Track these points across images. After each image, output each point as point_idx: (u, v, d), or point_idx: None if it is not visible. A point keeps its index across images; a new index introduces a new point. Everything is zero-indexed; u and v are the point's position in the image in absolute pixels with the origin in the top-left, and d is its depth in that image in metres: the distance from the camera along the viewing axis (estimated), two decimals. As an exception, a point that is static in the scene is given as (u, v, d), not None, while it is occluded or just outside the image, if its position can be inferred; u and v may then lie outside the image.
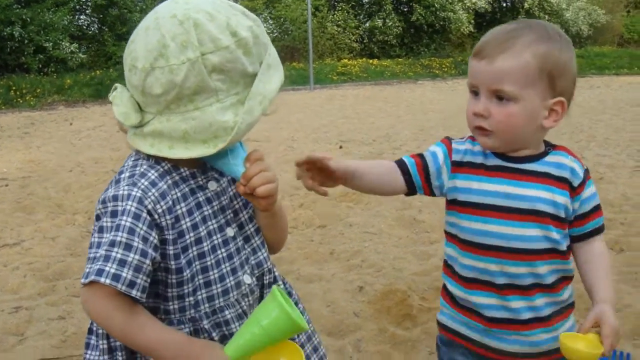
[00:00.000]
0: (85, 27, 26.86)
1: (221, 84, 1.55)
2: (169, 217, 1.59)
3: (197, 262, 1.65)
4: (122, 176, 1.64)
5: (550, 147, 1.88)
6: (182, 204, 1.64)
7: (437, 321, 2.06)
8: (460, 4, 31.41)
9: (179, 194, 1.65)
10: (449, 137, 1.96)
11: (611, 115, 13.43)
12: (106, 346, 1.66)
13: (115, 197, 1.58)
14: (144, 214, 1.54)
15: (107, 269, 1.49)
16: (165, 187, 1.62)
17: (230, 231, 1.73)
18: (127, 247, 1.50)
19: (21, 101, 18.79)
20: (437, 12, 30.77)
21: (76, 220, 6.30)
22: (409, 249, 5.17)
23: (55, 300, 4.35)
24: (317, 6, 29.51)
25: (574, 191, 1.82)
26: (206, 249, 1.67)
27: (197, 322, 1.66)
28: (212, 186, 1.73)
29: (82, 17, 27.03)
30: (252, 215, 1.84)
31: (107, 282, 1.48)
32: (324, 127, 12.56)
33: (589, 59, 30.51)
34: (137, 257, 1.50)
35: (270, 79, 1.63)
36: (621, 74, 28.03)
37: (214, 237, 1.70)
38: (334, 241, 5.42)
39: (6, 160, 9.77)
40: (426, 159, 1.91)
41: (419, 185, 1.92)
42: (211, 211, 1.70)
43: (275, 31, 31.20)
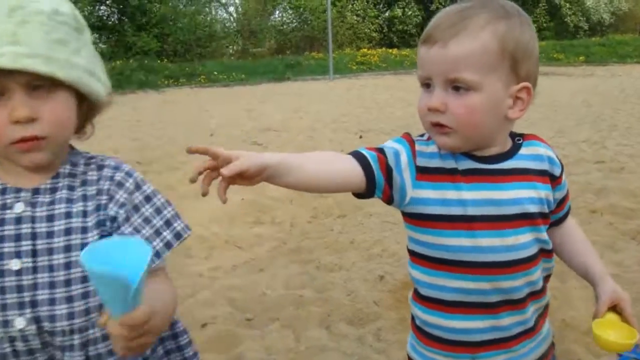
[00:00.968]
0: (105, 18, 27.03)
1: None
2: None
3: None
4: None
5: (519, 138, 1.65)
6: None
7: (409, 358, 1.80)
8: (480, -8, 31.26)
9: None
10: (410, 134, 1.66)
11: (633, 104, 13.29)
12: None
13: None
14: None
15: None
16: None
17: (15, 264, 1.45)
18: None
19: (42, 91, 18.90)
20: (457, 0, 30.65)
21: (98, 209, 6.34)
22: (429, 238, 5.16)
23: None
24: (337, -5, 29.48)
25: (554, 181, 1.63)
26: None
27: None
28: (18, 208, 1.49)
29: (102, 7, 27.23)
30: (70, 264, 1.50)
31: None
32: (343, 117, 12.55)
33: (610, 47, 30.28)
34: None
35: None
36: (643, 62, 27.76)
37: None
38: (354, 230, 5.42)
39: (28, 150, 9.82)
40: (387, 157, 1.58)
41: (380, 184, 1.56)
42: (3, 234, 1.47)
43: (294, 21, 31.23)
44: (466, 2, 1.55)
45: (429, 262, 1.60)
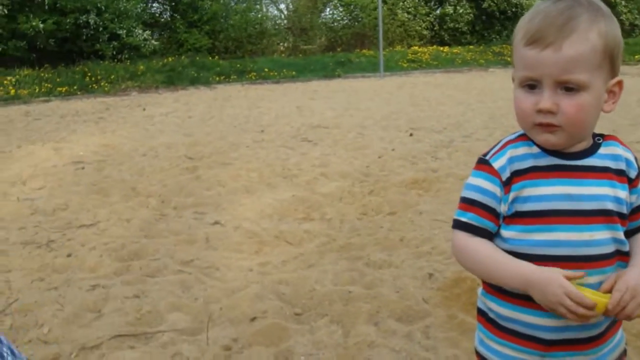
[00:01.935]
0: (157, 15, 27.41)
1: None
2: None
3: None
4: None
5: (599, 138, 1.68)
6: None
7: (477, 352, 1.83)
8: (534, -9, 30.86)
9: None
10: (484, 159, 1.68)
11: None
12: None
13: None
14: None
15: None
16: None
17: None
18: None
19: (96, 87, 19.24)
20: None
21: (149, 203, 6.44)
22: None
23: (130, 279, 4.46)
24: (388, -7, 29.38)
25: (631, 183, 1.65)
26: None
27: None
28: None
29: (155, 4, 27.60)
30: None
31: None
32: (393, 115, 12.51)
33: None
34: None
35: None
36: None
37: None
38: (403, 228, 5.42)
39: (82, 144, 10.02)
40: (486, 204, 1.65)
41: (494, 229, 1.66)
42: None
43: (345, 18, 31.19)
44: (554, 1, 1.57)
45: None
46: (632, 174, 1.66)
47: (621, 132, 9.51)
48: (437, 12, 31.85)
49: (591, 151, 1.64)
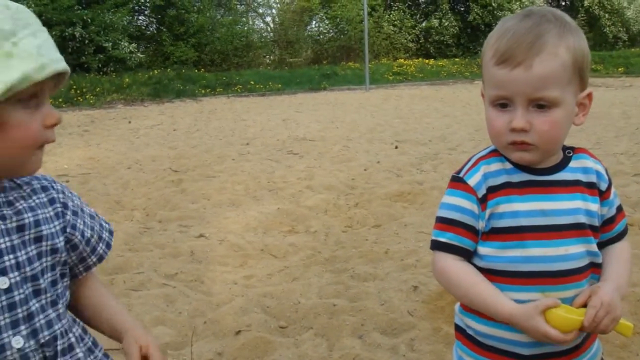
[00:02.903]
0: (143, 28, 27.47)
1: None
2: None
3: None
4: None
5: (570, 151, 1.70)
6: None
7: None
8: (518, 3, 31.13)
9: None
10: (458, 177, 1.68)
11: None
12: None
13: None
14: None
15: None
16: None
17: (3, 282, 1.41)
18: None
19: (81, 100, 19.19)
20: (495, 12, 30.55)
21: (134, 216, 6.42)
22: (464, 249, 5.14)
23: (114, 293, 4.43)
24: (373, 6, 29.57)
25: (601, 196, 1.67)
26: None
27: None
28: None
29: (140, 17, 27.66)
30: (56, 264, 1.55)
31: None
32: (379, 127, 12.55)
33: (650, 58, 29.88)
34: None
35: (3, 71, 1.34)
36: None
37: None
38: (388, 240, 5.42)
39: (67, 157, 9.99)
40: (465, 222, 1.64)
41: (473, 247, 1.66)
42: None
43: (331, 31, 31.32)
44: (522, 15, 1.59)
45: (481, 273, 1.65)
46: (603, 186, 1.68)
47: (606, 144, 9.57)
48: (423, 25, 32.08)
49: (562, 165, 1.65)
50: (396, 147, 10.05)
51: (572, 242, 1.60)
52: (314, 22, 32.69)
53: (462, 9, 32.34)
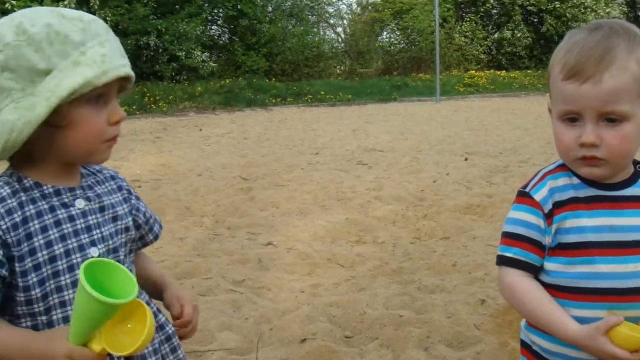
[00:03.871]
0: (216, 37, 27.89)
1: (14, 83, 1.48)
2: (14, 233, 1.52)
3: (51, 281, 1.56)
4: None
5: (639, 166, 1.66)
6: (36, 222, 1.56)
7: None
8: (593, 14, 30.45)
9: (34, 212, 1.56)
10: (524, 192, 1.66)
11: None
12: None
13: None
14: None
15: None
16: (15, 204, 1.55)
17: (94, 251, 1.62)
18: None
19: (154, 107, 19.53)
20: (569, 23, 29.95)
21: (204, 222, 6.51)
22: (534, 264, 5.06)
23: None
24: (445, 17, 29.36)
25: None
26: (61, 268, 1.57)
27: None
28: (80, 204, 1.64)
29: (214, 27, 28.08)
30: (127, 241, 1.77)
31: None
32: (449, 139, 12.45)
33: None
34: None
35: (70, 76, 1.48)
36: None
37: (73, 257, 1.58)
38: (457, 253, 5.37)
39: (140, 163, 10.20)
40: (531, 237, 1.63)
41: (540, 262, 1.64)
42: (72, 230, 1.60)
43: (402, 42, 31.25)
44: (590, 29, 1.57)
45: (547, 289, 1.62)
46: None
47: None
48: (495, 36, 31.70)
49: (633, 180, 1.62)
50: (466, 160, 9.96)
51: None
52: (385, 33, 32.68)
53: (535, 20, 31.82)
